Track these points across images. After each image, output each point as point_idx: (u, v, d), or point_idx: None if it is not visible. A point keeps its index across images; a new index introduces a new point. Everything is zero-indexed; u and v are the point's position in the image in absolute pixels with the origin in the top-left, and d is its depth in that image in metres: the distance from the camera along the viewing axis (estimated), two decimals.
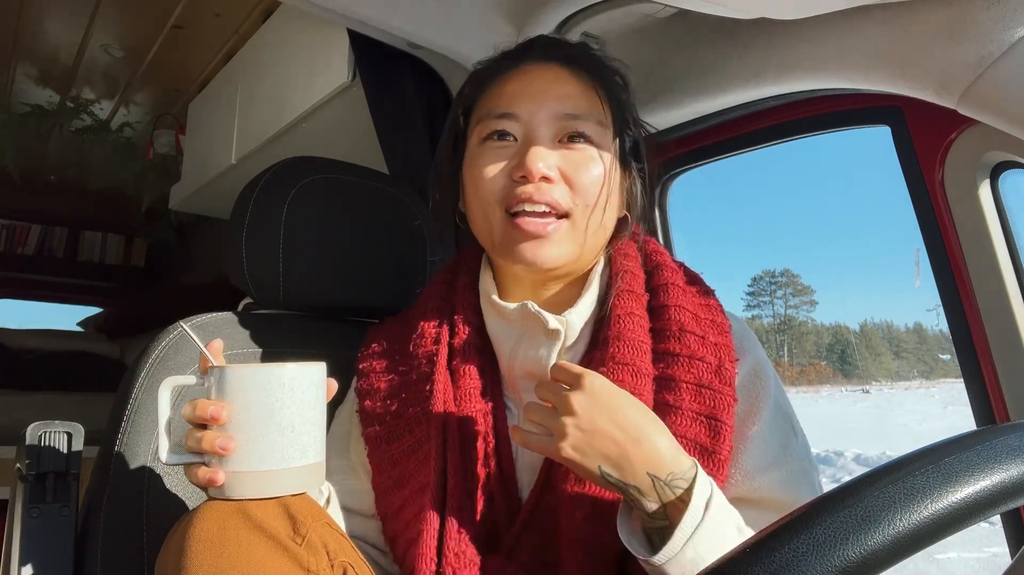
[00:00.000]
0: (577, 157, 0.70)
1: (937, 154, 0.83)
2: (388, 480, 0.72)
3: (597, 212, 0.71)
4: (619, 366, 0.66)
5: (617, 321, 0.69)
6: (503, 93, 0.73)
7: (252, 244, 0.91)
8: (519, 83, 0.73)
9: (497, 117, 0.72)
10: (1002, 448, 0.34)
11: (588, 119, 0.71)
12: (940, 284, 0.85)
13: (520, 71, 0.74)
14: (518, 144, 0.71)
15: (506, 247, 0.71)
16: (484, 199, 0.71)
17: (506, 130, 0.71)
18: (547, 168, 0.68)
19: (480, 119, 0.73)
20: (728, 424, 0.65)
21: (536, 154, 0.68)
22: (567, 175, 0.70)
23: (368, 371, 0.79)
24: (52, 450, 0.73)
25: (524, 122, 0.71)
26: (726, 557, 0.32)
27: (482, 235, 0.75)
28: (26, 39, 2.15)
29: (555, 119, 0.71)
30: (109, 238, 3.70)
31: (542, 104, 0.71)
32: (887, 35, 0.76)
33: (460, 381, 0.72)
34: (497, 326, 0.74)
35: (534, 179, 0.68)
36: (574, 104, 0.71)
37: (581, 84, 0.73)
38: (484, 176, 0.71)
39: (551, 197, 0.68)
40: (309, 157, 0.99)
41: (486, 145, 0.72)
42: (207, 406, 0.56)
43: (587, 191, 0.70)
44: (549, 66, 0.73)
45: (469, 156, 0.74)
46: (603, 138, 0.72)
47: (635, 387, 0.65)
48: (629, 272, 0.73)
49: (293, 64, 1.60)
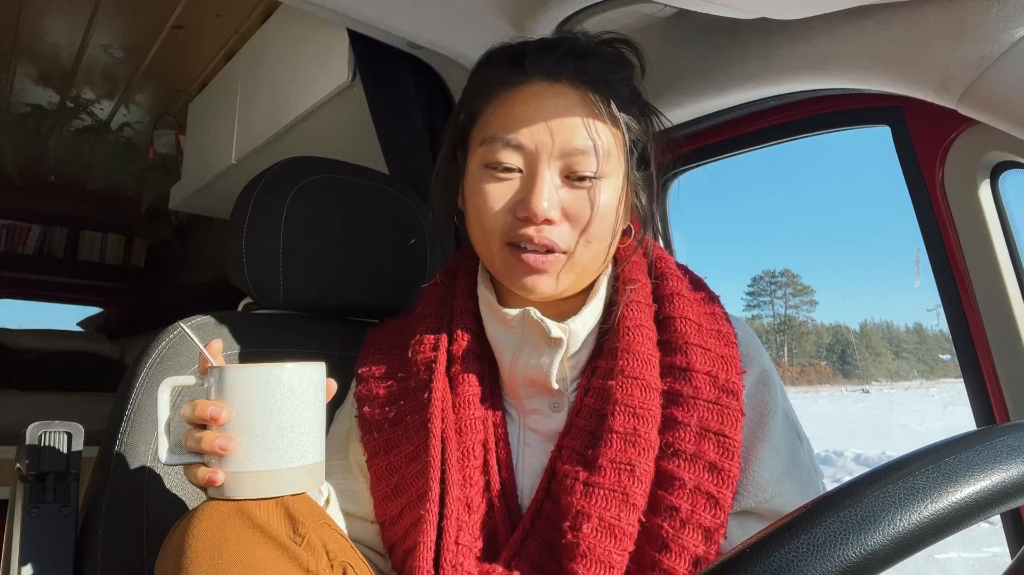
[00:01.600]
0: (582, 196, 0.68)
1: (937, 154, 0.83)
2: (386, 488, 0.72)
3: (596, 243, 0.69)
4: (629, 380, 0.66)
5: (627, 333, 0.68)
6: (510, 117, 0.69)
7: (252, 244, 0.91)
8: (527, 107, 0.68)
9: (502, 145, 0.68)
10: (1002, 448, 0.34)
11: (596, 154, 0.67)
12: (940, 284, 0.85)
13: (529, 90, 0.69)
14: (523, 176, 0.69)
15: (506, 275, 0.70)
16: (487, 229, 0.70)
17: (511, 165, 0.68)
18: (551, 209, 0.66)
19: (485, 140, 0.70)
20: (736, 440, 0.64)
21: (541, 195, 0.66)
22: (570, 213, 0.68)
23: (367, 376, 0.78)
24: (52, 450, 0.73)
25: (529, 154, 0.68)
26: (726, 557, 0.32)
27: (482, 254, 0.74)
28: (26, 39, 2.15)
29: (563, 155, 0.67)
30: (109, 238, 3.71)
31: (549, 137, 0.67)
32: (887, 35, 0.76)
33: (459, 388, 0.72)
34: (498, 332, 0.73)
35: (537, 221, 0.67)
36: (582, 139, 0.67)
37: (591, 110, 0.68)
38: (487, 209, 0.69)
39: (550, 239, 0.67)
40: (309, 157, 0.99)
41: (490, 173, 0.69)
42: (206, 406, 0.56)
43: (590, 230, 0.68)
44: (560, 88, 0.69)
45: (472, 177, 0.72)
46: (611, 167, 0.69)
47: (644, 401, 0.65)
48: (638, 282, 0.72)
49: (293, 64, 1.60)
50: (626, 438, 0.63)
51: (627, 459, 0.63)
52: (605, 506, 0.62)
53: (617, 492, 0.62)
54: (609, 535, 0.61)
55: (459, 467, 0.68)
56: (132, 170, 2.88)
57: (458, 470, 0.68)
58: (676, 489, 0.63)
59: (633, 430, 0.64)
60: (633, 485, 0.62)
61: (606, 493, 0.62)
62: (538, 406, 0.73)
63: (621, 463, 0.63)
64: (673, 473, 0.63)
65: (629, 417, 0.64)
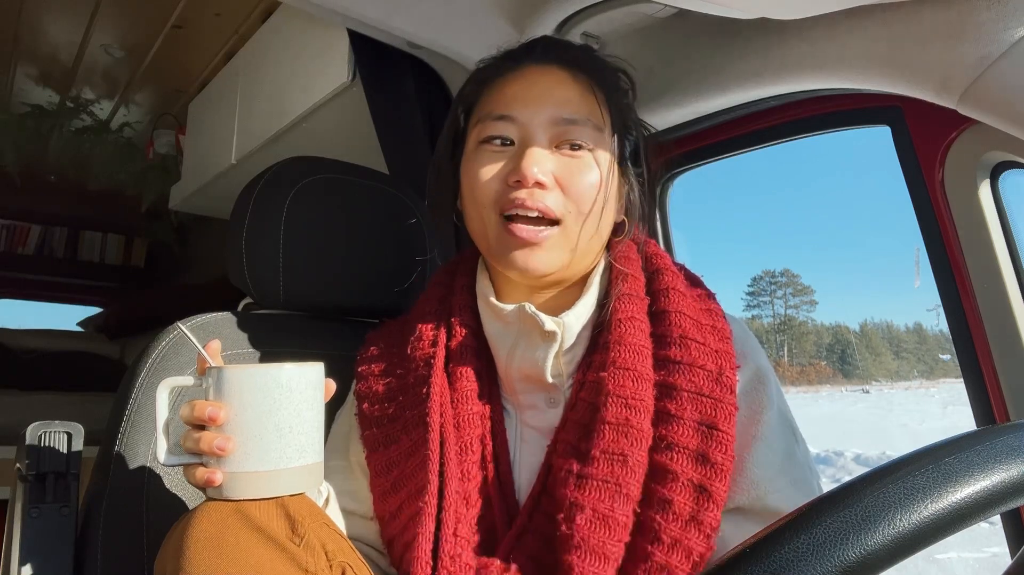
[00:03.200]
0: (573, 164, 0.70)
1: (937, 154, 0.83)
2: (386, 483, 0.72)
3: (591, 219, 0.70)
4: (620, 371, 0.66)
5: (618, 325, 0.68)
6: (503, 95, 0.72)
7: (252, 244, 0.91)
8: (518, 85, 0.72)
9: (495, 120, 0.71)
10: (1002, 448, 0.34)
11: (586, 124, 0.70)
12: (940, 284, 0.85)
13: (520, 73, 0.73)
14: (515, 148, 0.71)
15: (500, 252, 0.71)
16: (479, 202, 0.71)
17: (504, 135, 0.71)
18: (542, 174, 0.68)
19: (479, 120, 0.73)
20: (729, 434, 0.64)
21: (531, 159, 0.68)
22: (562, 181, 0.69)
23: (366, 374, 0.79)
24: (52, 450, 0.73)
25: (521, 125, 0.70)
26: (726, 557, 0.32)
27: (478, 238, 0.75)
28: (26, 39, 2.15)
29: (553, 124, 0.70)
30: (109, 238, 3.70)
31: (540, 108, 0.70)
32: (887, 35, 0.76)
33: (457, 383, 0.72)
34: (494, 328, 0.74)
35: (528, 184, 0.68)
36: (572, 109, 0.71)
37: (580, 88, 0.72)
38: (480, 179, 0.71)
39: (543, 203, 0.68)
40: (309, 157, 0.99)
41: (483, 148, 0.72)
42: (205, 407, 0.56)
43: (581, 198, 0.69)
44: (549, 68, 0.73)
45: (467, 158, 0.74)
46: (601, 144, 0.71)
47: (636, 392, 0.65)
48: (630, 275, 0.72)
49: (293, 64, 1.60)
50: (618, 428, 0.63)
51: (619, 449, 0.63)
52: (598, 497, 0.62)
53: (610, 483, 0.62)
54: (603, 526, 0.61)
55: (458, 461, 0.68)
56: (132, 170, 2.88)
57: (457, 464, 0.68)
58: (669, 482, 0.63)
59: (625, 420, 0.64)
60: (626, 475, 0.62)
61: (599, 484, 0.62)
62: (534, 401, 0.73)
63: (613, 454, 0.63)
64: (666, 466, 0.63)
65: (621, 407, 0.64)
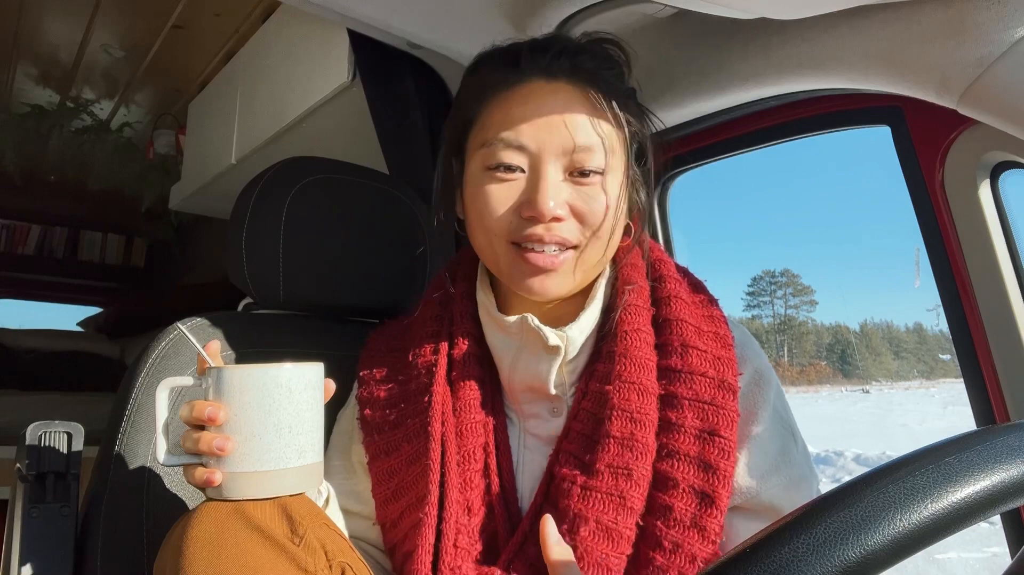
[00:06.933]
0: (588, 191, 0.67)
1: (937, 154, 0.83)
2: (387, 490, 0.72)
3: (606, 238, 0.68)
4: (626, 385, 0.65)
5: (624, 338, 0.68)
6: (509, 117, 0.68)
7: (252, 244, 0.91)
8: (527, 107, 0.67)
9: (504, 148, 0.67)
10: (1002, 448, 0.34)
11: (599, 150, 0.67)
12: (940, 284, 0.85)
13: (527, 89, 0.68)
14: (526, 176, 0.67)
15: (513, 278, 0.69)
16: (490, 230, 0.69)
17: (513, 164, 0.67)
18: (558, 207, 0.66)
19: (485, 143, 0.69)
20: (732, 440, 0.64)
21: (547, 194, 0.65)
22: (577, 210, 0.67)
23: (368, 379, 0.78)
24: (52, 450, 0.73)
25: (533, 154, 0.67)
26: (726, 557, 0.32)
27: (486, 258, 0.73)
28: (26, 39, 2.15)
29: (567, 152, 0.66)
30: (109, 238, 3.71)
31: (551, 135, 0.66)
32: (887, 35, 0.76)
33: (459, 392, 0.72)
34: (496, 338, 0.73)
35: (545, 220, 0.66)
36: (585, 135, 0.67)
37: (592, 106, 0.68)
38: (491, 209, 0.68)
39: (560, 236, 0.66)
40: (309, 157, 0.99)
41: (491, 174, 0.68)
42: (204, 407, 0.56)
43: (598, 223, 0.67)
44: (558, 85, 0.68)
45: (472, 180, 0.71)
46: (613, 162, 0.69)
47: (641, 406, 0.65)
48: (636, 285, 0.71)
49: (293, 64, 1.60)
50: (623, 443, 0.63)
51: (624, 464, 0.63)
52: (602, 510, 0.62)
53: (614, 496, 0.62)
54: (606, 538, 0.61)
55: (459, 470, 0.68)
56: (132, 170, 2.88)
57: (458, 473, 0.67)
58: (671, 489, 0.63)
59: (631, 435, 0.64)
60: (630, 489, 0.62)
61: (603, 497, 0.62)
62: (537, 411, 0.73)
63: (618, 468, 0.63)
64: (668, 474, 0.63)
65: (626, 422, 0.64)
